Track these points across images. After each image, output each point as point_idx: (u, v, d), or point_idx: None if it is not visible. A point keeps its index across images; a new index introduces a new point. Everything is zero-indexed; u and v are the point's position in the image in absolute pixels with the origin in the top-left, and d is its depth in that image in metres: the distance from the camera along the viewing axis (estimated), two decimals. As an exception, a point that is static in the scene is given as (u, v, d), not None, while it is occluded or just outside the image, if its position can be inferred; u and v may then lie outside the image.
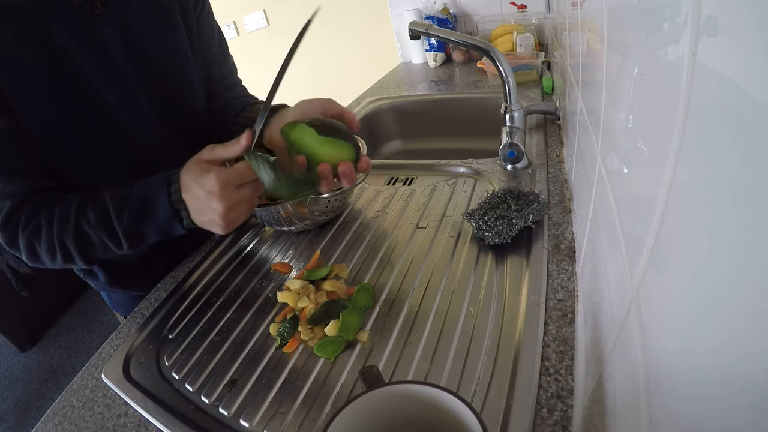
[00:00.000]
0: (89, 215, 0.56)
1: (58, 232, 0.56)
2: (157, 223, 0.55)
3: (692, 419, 0.18)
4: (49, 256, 0.58)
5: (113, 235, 0.56)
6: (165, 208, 0.54)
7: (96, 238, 0.56)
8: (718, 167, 0.16)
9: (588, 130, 0.48)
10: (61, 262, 0.59)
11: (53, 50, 0.55)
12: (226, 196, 0.50)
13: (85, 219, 0.56)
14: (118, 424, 0.49)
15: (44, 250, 0.57)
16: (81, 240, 0.56)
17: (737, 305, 0.15)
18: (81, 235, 0.56)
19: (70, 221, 0.56)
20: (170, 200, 0.54)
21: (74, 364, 2.05)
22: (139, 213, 0.55)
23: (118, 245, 0.57)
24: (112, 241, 0.57)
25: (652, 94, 0.24)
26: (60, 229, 0.56)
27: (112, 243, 0.57)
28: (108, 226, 0.56)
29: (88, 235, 0.56)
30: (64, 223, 0.56)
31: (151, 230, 0.56)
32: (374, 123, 1.29)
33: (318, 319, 0.54)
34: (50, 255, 0.58)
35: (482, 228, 0.60)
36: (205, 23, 0.74)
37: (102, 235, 0.56)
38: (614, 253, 0.32)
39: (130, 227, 0.56)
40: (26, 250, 0.58)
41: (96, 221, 0.55)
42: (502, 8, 1.49)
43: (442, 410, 0.31)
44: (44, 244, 0.57)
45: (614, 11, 0.35)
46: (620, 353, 0.29)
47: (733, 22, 0.15)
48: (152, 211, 0.55)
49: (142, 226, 0.56)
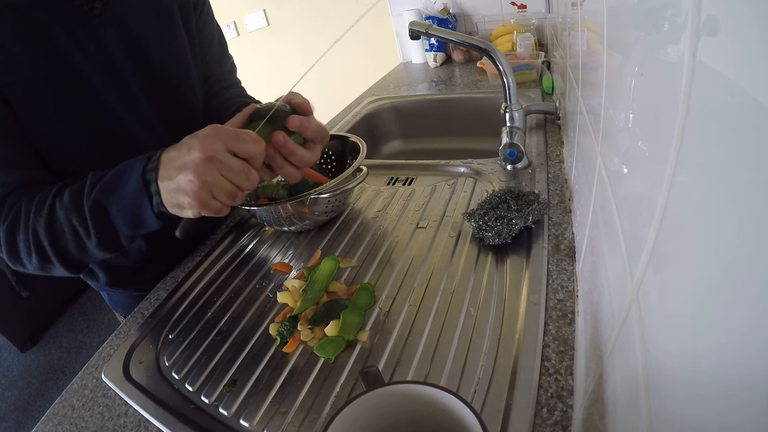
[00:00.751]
0: (65, 195, 0.51)
1: (33, 218, 0.51)
2: (124, 199, 0.48)
3: (692, 419, 0.18)
4: (26, 251, 0.52)
5: (81, 216, 0.50)
6: (136, 179, 0.47)
7: (66, 223, 0.50)
8: (718, 167, 0.16)
9: (588, 130, 0.48)
10: (37, 262, 0.53)
11: (52, 50, 0.55)
12: (210, 148, 0.44)
13: (60, 199, 0.51)
14: (118, 424, 0.49)
15: (21, 243, 0.52)
16: (51, 226, 0.51)
17: (737, 305, 0.15)
18: (53, 220, 0.50)
19: (45, 204, 0.51)
20: (144, 170, 0.47)
21: (74, 364, 2.05)
22: (110, 184, 0.49)
23: (86, 231, 0.50)
24: (81, 225, 0.50)
25: (652, 94, 0.24)
26: (35, 214, 0.51)
27: (82, 228, 0.50)
28: (78, 203, 0.49)
29: (59, 220, 0.50)
30: (39, 208, 0.51)
31: (117, 208, 0.49)
32: (374, 123, 1.29)
33: (318, 319, 0.54)
34: (26, 249, 0.52)
35: (482, 228, 0.60)
36: (204, 23, 0.74)
37: (72, 218, 0.50)
38: (614, 253, 0.32)
39: (96, 200, 0.49)
40: (6, 244, 0.53)
41: (68, 200, 0.50)
42: (502, 8, 1.48)
43: (442, 410, 0.31)
44: (21, 236, 0.52)
45: (614, 11, 0.35)
46: (620, 353, 0.29)
47: (733, 22, 0.15)
48: (123, 181, 0.48)
49: (108, 200, 0.49)
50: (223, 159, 0.44)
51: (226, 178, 0.45)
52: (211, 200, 0.45)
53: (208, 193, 0.45)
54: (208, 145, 0.44)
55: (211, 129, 0.46)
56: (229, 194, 0.46)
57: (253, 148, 0.46)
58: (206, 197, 0.45)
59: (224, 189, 0.45)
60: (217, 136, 0.45)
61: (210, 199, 0.45)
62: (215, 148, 0.44)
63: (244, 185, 0.47)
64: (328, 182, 0.68)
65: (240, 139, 0.46)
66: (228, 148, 0.45)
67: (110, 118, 0.62)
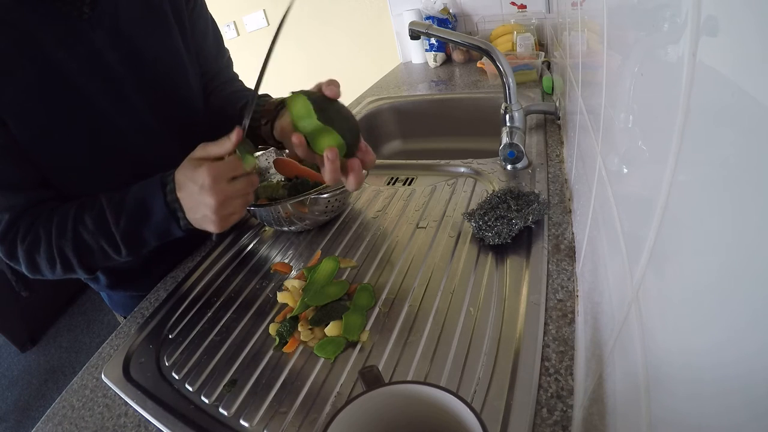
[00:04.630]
0: (87, 222, 0.55)
1: (56, 241, 0.56)
2: (154, 225, 0.55)
3: (692, 418, 0.18)
4: (49, 267, 0.57)
5: (111, 241, 0.56)
6: (161, 208, 0.54)
7: (95, 245, 0.56)
8: (717, 167, 0.16)
9: (588, 130, 0.48)
10: (61, 272, 0.58)
11: (43, 60, 0.54)
12: (219, 189, 0.50)
13: (83, 226, 0.55)
14: (118, 424, 0.49)
15: (44, 261, 0.57)
16: (80, 248, 0.56)
17: (737, 305, 0.15)
18: (79, 242, 0.56)
19: (68, 229, 0.55)
20: (166, 200, 0.53)
21: (74, 364, 2.05)
22: (136, 215, 0.55)
23: (116, 251, 0.57)
24: (111, 246, 0.56)
25: (652, 94, 0.24)
26: (58, 237, 0.56)
27: (111, 249, 0.56)
28: (106, 231, 0.55)
29: (87, 242, 0.56)
30: (62, 232, 0.56)
31: (149, 232, 0.56)
32: (374, 123, 1.29)
33: (318, 319, 0.54)
34: (50, 265, 0.57)
35: (482, 228, 0.60)
36: (198, 17, 0.72)
37: (101, 241, 0.55)
38: (614, 253, 0.32)
39: (128, 230, 0.55)
40: (26, 262, 0.58)
41: (94, 227, 0.55)
42: (502, 8, 1.49)
43: (442, 410, 0.31)
44: (44, 254, 0.56)
45: (614, 11, 0.35)
46: (620, 353, 0.29)
47: (733, 22, 0.15)
48: (149, 212, 0.54)
49: (140, 229, 0.55)
50: (230, 191, 0.51)
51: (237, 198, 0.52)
52: (231, 218, 0.53)
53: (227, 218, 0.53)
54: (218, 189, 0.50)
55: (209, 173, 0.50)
56: (244, 204, 0.54)
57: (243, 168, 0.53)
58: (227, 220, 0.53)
59: (239, 206, 0.53)
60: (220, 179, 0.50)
61: (230, 217, 0.53)
62: (224, 191, 0.51)
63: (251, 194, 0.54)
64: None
65: (234, 169, 0.51)
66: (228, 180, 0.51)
67: (106, 126, 0.60)
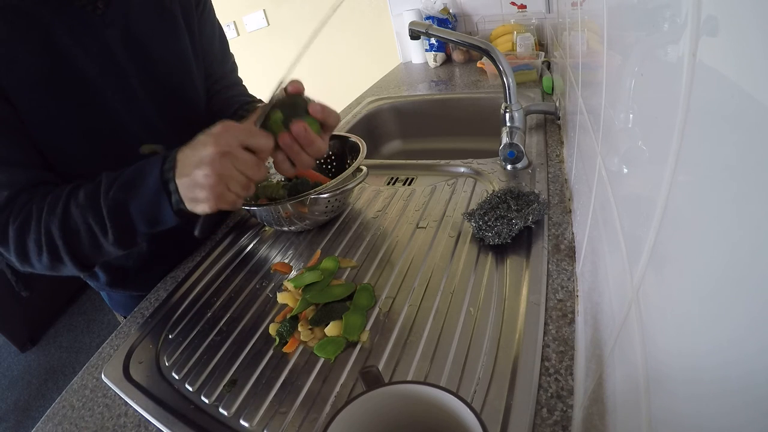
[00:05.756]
0: (80, 195, 0.51)
1: (45, 218, 0.51)
2: (143, 196, 0.50)
3: (692, 419, 0.18)
4: (36, 250, 0.52)
5: (98, 215, 0.50)
6: (155, 179, 0.49)
7: (81, 222, 0.51)
8: (718, 167, 0.16)
9: (588, 130, 0.48)
10: (47, 261, 0.53)
11: (54, 50, 0.55)
12: (225, 142, 0.46)
13: (75, 199, 0.51)
14: (118, 424, 0.49)
15: (32, 243, 0.52)
16: (66, 225, 0.51)
17: (737, 305, 0.15)
18: (67, 218, 0.51)
19: (59, 204, 0.51)
20: (162, 169, 0.49)
21: (74, 364, 2.05)
22: (128, 184, 0.50)
23: (103, 231, 0.51)
24: (98, 223, 0.51)
25: (652, 94, 0.24)
26: (48, 214, 0.51)
27: (98, 226, 0.51)
28: (95, 202, 0.50)
29: (74, 219, 0.51)
30: (52, 208, 0.51)
31: (135, 205, 0.50)
32: (374, 123, 1.29)
33: (318, 319, 0.54)
34: (37, 249, 0.52)
35: (482, 228, 0.60)
36: (206, 22, 0.74)
37: (87, 216, 0.51)
38: (614, 253, 0.32)
39: (115, 200, 0.50)
40: (15, 245, 0.53)
41: (84, 199, 0.51)
42: (502, 8, 1.49)
43: (442, 410, 0.31)
44: (32, 235, 0.52)
45: (614, 11, 0.35)
46: (620, 353, 0.29)
47: (733, 22, 0.15)
48: (142, 181, 0.50)
49: (128, 200, 0.50)
50: (236, 153, 0.46)
51: (239, 170, 0.47)
52: (227, 192, 0.47)
53: (223, 185, 0.47)
54: (222, 140, 0.46)
55: (223, 126, 0.47)
56: (243, 186, 0.48)
57: (264, 141, 0.49)
58: (222, 190, 0.47)
59: (239, 181, 0.47)
60: (230, 132, 0.47)
61: (226, 191, 0.47)
62: (229, 143, 0.46)
63: (255, 177, 0.49)
64: (328, 182, 0.68)
65: (251, 134, 0.48)
66: (240, 143, 0.47)
67: (112, 119, 0.62)
